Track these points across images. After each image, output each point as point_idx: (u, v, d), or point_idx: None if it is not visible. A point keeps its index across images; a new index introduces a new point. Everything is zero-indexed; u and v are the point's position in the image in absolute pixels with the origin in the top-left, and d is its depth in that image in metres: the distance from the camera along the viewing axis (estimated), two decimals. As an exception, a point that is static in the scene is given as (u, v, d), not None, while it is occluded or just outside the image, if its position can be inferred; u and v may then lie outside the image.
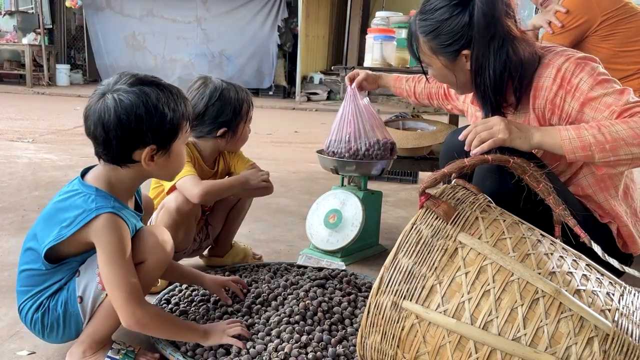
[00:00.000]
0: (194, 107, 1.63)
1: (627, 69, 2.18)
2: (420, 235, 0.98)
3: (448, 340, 0.92)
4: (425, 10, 1.32)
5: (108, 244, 1.11)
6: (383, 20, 2.80)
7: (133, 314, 1.13)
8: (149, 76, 1.17)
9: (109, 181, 1.18)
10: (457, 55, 1.31)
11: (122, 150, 1.14)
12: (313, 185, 3.18)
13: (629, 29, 2.16)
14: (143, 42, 9.31)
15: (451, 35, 1.28)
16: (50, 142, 4.31)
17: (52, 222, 1.15)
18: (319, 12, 9.37)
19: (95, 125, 1.12)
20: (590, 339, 0.88)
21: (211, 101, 1.64)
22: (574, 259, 1.02)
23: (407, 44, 1.42)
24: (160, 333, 1.23)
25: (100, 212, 1.11)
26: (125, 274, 1.12)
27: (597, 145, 1.15)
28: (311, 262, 1.81)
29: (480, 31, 1.25)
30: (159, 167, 1.19)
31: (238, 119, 1.67)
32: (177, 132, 1.18)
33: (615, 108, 1.18)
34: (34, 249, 1.17)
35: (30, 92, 8.40)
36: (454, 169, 1.03)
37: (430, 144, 2.82)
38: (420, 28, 1.33)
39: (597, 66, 1.26)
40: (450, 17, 1.27)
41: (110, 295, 1.14)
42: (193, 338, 1.25)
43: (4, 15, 9.44)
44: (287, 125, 6.06)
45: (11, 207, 2.45)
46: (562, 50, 1.31)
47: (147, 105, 1.11)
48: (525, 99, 1.34)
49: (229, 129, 1.67)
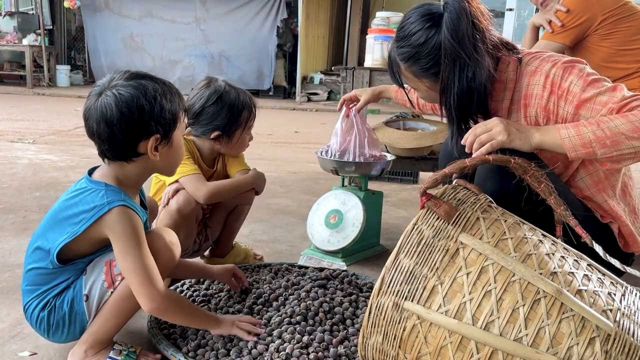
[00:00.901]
0: (192, 105, 1.64)
1: (628, 67, 2.18)
2: (422, 236, 0.98)
3: (449, 340, 0.92)
4: (400, 37, 1.33)
5: (123, 234, 1.13)
6: (383, 20, 2.80)
7: (153, 298, 1.14)
8: (142, 71, 1.19)
9: (116, 178, 1.19)
10: (439, 76, 1.31)
11: (128, 143, 1.15)
12: (314, 186, 3.18)
13: (629, 27, 2.16)
14: (141, 43, 9.25)
15: (430, 58, 1.28)
16: (51, 143, 4.31)
17: (63, 220, 1.16)
18: (319, 12, 9.35)
19: (98, 122, 1.13)
20: (592, 339, 0.88)
21: (208, 102, 1.64)
22: (575, 259, 1.02)
23: (389, 71, 1.42)
24: (177, 317, 1.24)
25: (112, 206, 1.13)
26: (143, 260, 1.13)
27: (597, 142, 1.15)
28: (312, 263, 1.81)
29: (446, 53, 1.25)
30: (163, 158, 1.20)
31: (234, 125, 1.65)
32: (177, 121, 1.20)
33: (612, 105, 1.18)
34: (42, 248, 1.18)
35: (31, 93, 8.40)
36: (455, 170, 1.03)
37: (431, 144, 2.81)
38: (400, 55, 1.33)
39: (585, 67, 1.26)
40: (426, 41, 1.27)
41: (130, 283, 1.15)
42: (207, 324, 1.27)
43: (4, 16, 9.44)
44: (288, 125, 6.06)
45: (12, 208, 2.45)
46: (548, 56, 1.31)
47: (146, 96, 1.13)
48: (515, 107, 1.34)
49: (223, 133, 1.65)
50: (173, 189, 1.60)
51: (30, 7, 9.98)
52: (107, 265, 1.18)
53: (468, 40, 1.24)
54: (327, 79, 9.14)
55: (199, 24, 9.03)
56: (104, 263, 1.19)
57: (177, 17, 9.07)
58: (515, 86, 1.33)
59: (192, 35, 9.07)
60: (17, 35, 9.09)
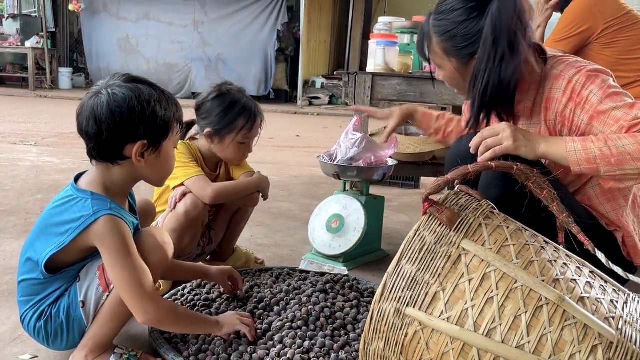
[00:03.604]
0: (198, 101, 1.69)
1: (629, 76, 2.18)
2: (424, 242, 0.98)
3: (451, 347, 0.92)
4: (441, 11, 1.30)
5: (112, 246, 1.12)
6: (386, 25, 2.80)
7: (146, 311, 1.13)
8: (141, 77, 1.19)
9: (103, 184, 1.18)
10: (469, 59, 1.30)
11: (114, 144, 1.14)
12: (315, 190, 3.18)
13: (631, 37, 2.17)
14: (136, 46, 9.14)
15: (466, 37, 1.27)
16: (53, 145, 4.32)
17: (50, 230, 1.15)
18: (320, 17, 9.35)
19: (88, 119, 1.13)
20: (594, 347, 0.88)
21: (208, 98, 1.67)
22: (577, 266, 1.01)
23: (417, 44, 1.40)
24: (175, 327, 1.24)
25: (98, 216, 1.11)
26: (133, 272, 1.12)
27: (602, 159, 1.13)
28: (313, 267, 1.81)
29: (486, 39, 1.24)
30: (149, 166, 1.19)
31: (227, 128, 1.65)
32: (168, 131, 1.19)
33: (623, 123, 1.16)
34: (32, 259, 1.17)
35: (33, 95, 8.42)
36: (457, 176, 1.03)
37: (433, 150, 2.82)
38: (435, 28, 1.31)
39: (608, 79, 1.25)
40: (467, 20, 1.26)
41: (121, 295, 1.14)
42: (209, 329, 1.26)
43: (7, 18, 9.47)
44: (289, 129, 6.07)
45: (14, 210, 2.45)
46: (574, 62, 1.30)
47: (139, 99, 1.13)
48: (537, 110, 1.33)
49: (214, 132, 1.65)
50: (180, 192, 1.60)
51: (33, 9, 10.00)
52: (100, 270, 1.17)
53: (511, 32, 1.23)
54: (329, 83, 9.16)
55: (196, 26, 8.92)
56: (97, 268, 1.18)
57: (175, 20, 8.94)
58: (539, 88, 1.32)
59: (189, 38, 8.96)
60: (19, 37, 9.12)
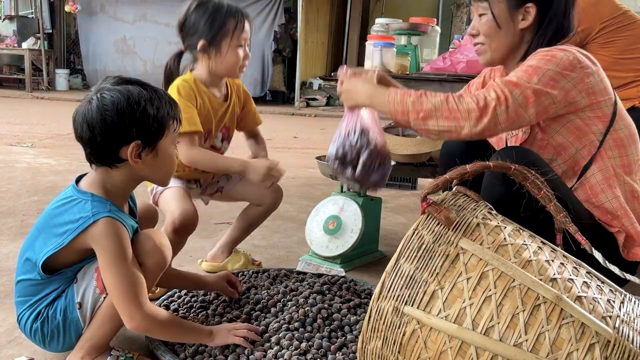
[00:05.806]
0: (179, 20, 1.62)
1: (626, 76, 2.19)
2: (422, 241, 0.98)
3: (449, 345, 0.92)
4: None
5: (108, 249, 1.11)
6: (382, 26, 2.81)
7: (132, 317, 1.13)
8: (133, 78, 1.19)
9: (103, 186, 1.18)
10: (519, 7, 1.32)
11: (109, 148, 1.14)
12: (312, 191, 3.18)
13: (627, 37, 2.17)
14: (133, 47, 9.12)
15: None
16: (49, 146, 4.31)
17: (49, 230, 1.15)
18: (318, 18, 9.36)
19: (81, 125, 1.14)
20: (592, 345, 0.88)
21: (190, 10, 1.58)
22: (574, 266, 1.02)
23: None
24: (164, 335, 1.23)
25: (97, 218, 1.11)
26: (125, 277, 1.12)
27: (413, 113, 1.22)
28: (311, 269, 1.80)
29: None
30: (148, 167, 1.18)
31: (219, 34, 1.57)
32: (163, 130, 1.17)
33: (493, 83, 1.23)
34: (30, 259, 1.17)
35: (30, 96, 8.41)
36: (455, 176, 1.03)
37: (430, 151, 2.82)
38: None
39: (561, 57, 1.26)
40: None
41: (112, 299, 1.14)
42: (199, 339, 1.24)
43: (4, 19, 9.46)
44: (286, 130, 6.07)
45: (10, 211, 2.44)
46: (560, 47, 1.33)
47: (129, 101, 1.12)
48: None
49: (209, 43, 1.58)
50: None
51: (30, 11, 10.00)
52: (97, 272, 1.16)
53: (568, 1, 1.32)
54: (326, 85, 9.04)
55: (194, 28, 8.98)
56: (94, 269, 1.17)
57: (172, 21, 8.78)
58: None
59: None
60: (16, 38, 9.11)
